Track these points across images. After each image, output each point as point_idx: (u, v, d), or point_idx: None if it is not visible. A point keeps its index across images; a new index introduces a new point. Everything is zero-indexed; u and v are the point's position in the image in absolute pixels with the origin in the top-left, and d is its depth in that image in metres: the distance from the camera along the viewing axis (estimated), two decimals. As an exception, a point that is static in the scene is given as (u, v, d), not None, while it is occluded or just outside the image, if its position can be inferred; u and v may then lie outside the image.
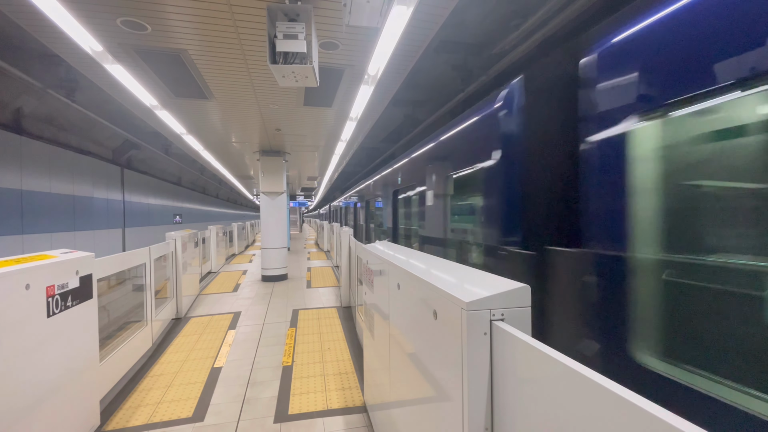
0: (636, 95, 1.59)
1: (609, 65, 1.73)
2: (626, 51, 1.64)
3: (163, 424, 3.00)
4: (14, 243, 8.68)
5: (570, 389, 0.86)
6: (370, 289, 2.92)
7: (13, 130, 8.76)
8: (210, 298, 7.33)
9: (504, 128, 2.55)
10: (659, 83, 1.48)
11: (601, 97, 1.77)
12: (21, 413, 2.14)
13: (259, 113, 6.14)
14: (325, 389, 3.56)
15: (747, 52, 1.19)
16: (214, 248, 10.72)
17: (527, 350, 1.02)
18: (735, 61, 1.23)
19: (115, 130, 10.68)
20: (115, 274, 3.75)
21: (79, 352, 2.75)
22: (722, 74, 1.26)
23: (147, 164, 16.94)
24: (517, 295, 1.24)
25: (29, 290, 2.24)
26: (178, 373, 3.92)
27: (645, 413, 0.68)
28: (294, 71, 3.06)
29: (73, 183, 11.31)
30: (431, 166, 4.17)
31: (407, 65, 4.31)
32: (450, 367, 1.32)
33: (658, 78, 1.49)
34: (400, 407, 2.03)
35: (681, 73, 1.40)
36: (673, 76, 1.43)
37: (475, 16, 4.98)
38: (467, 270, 1.69)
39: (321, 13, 3.22)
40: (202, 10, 3.16)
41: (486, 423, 1.20)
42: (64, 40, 3.68)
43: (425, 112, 8.83)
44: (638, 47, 1.58)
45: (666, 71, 1.45)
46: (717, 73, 1.28)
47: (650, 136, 1.55)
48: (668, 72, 1.45)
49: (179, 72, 4.42)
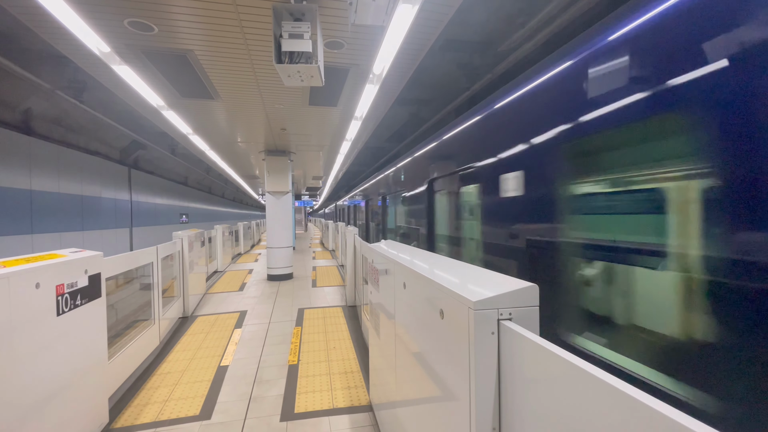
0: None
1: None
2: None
3: (171, 421, 3.02)
4: (24, 242, 8.79)
5: (579, 389, 0.85)
6: (376, 288, 2.92)
7: (23, 131, 8.88)
8: (216, 297, 7.38)
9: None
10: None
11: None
12: (31, 410, 2.17)
13: (264, 113, 6.16)
14: (330, 388, 3.57)
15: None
16: (220, 247, 10.78)
17: (536, 350, 1.01)
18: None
19: (122, 130, 10.78)
20: (123, 273, 3.78)
21: (87, 350, 2.78)
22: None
23: (154, 164, 17.09)
24: (525, 294, 1.23)
25: (39, 289, 2.26)
26: (185, 372, 3.95)
27: (656, 413, 0.67)
28: (299, 71, 3.06)
29: (82, 183, 11.43)
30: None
31: (412, 64, 4.30)
32: (457, 367, 1.31)
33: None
34: (406, 406, 2.03)
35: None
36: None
37: (480, 13, 4.95)
38: (473, 269, 1.69)
39: (326, 13, 3.23)
40: (208, 10, 3.17)
41: (494, 423, 1.19)
42: (72, 42, 3.72)
43: (430, 110, 8.81)
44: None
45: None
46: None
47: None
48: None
49: (185, 72, 4.45)
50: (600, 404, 0.79)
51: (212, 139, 8.31)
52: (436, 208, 4.40)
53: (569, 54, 2.03)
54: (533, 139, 2.27)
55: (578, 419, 0.86)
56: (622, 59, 1.65)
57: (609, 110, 1.70)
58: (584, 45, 1.91)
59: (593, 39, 1.86)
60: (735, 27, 1.25)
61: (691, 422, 0.62)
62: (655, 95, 1.50)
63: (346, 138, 8.14)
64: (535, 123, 2.26)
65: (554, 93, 2.10)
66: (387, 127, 10.49)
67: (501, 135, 2.70)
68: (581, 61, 1.90)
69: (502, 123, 2.70)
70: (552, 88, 2.12)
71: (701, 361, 1.34)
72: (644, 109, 1.54)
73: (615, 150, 1.81)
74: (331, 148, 9.42)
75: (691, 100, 1.37)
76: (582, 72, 1.88)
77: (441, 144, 4.04)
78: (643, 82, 1.55)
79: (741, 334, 1.21)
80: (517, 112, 2.49)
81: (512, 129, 2.55)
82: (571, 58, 2.00)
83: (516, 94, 2.54)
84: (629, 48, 1.63)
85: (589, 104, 1.82)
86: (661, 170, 1.60)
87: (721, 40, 1.28)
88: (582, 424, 0.84)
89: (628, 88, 1.62)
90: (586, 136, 1.83)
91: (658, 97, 1.49)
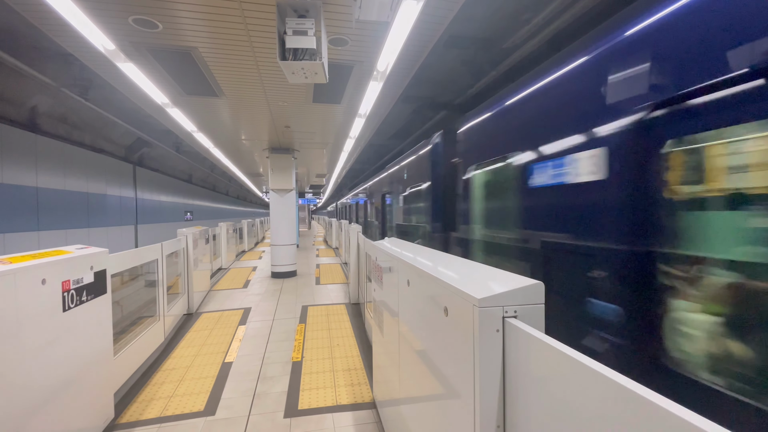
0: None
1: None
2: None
3: (176, 417, 3.04)
4: (30, 239, 8.88)
5: (586, 387, 0.84)
6: (379, 285, 2.92)
7: (29, 128, 8.95)
8: (221, 294, 7.42)
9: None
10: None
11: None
12: (38, 405, 2.19)
13: (268, 110, 6.16)
14: (334, 385, 3.58)
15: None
16: (224, 245, 10.83)
17: (541, 347, 1.00)
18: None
19: (127, 128, 10.83)
20: (128, 270, 3.81)
21: (93, 345, 2.80)
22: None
23: (158, 162, 17.17)
24: (530, 291, 1.22)
25: (45, 285, 2.28)
26: (189, 368, 3.97)
27: (664, 411, 0.66)
28: (303, 68, 3.05)
29: (87, 180, 11.51)
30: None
31: (416, 61, 4.28)
32: (461, 364, 1.31)
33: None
34: (410, 404, 2.03)
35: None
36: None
37: (485, 10, 4.91)
38: (478, 266, 1.68)
39: (330, 9, 3.21)
40: (212, 7, 3.17)
41: (498, 420, 1.18)
42: (78, 39, 3.73)
43: (434, 108, 8.78)
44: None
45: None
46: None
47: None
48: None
49: (190, 70, 4.45)
50: (607, 402, 0.78)
51: (216, 137, 8.33)
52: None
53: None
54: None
55: (584, 417, 0.85)
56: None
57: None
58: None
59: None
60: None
61: (701, 421, 0.62)
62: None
63: (350, 135, 8.13)
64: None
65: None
66: (391, 125, 10.47)
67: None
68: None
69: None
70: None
71: None
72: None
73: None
74: (334, 145, 9.42)
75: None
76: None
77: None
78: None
79: None
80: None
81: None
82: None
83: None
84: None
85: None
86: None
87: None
88: (588, 421, 0.84)
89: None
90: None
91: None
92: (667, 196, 1.55)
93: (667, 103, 1.55)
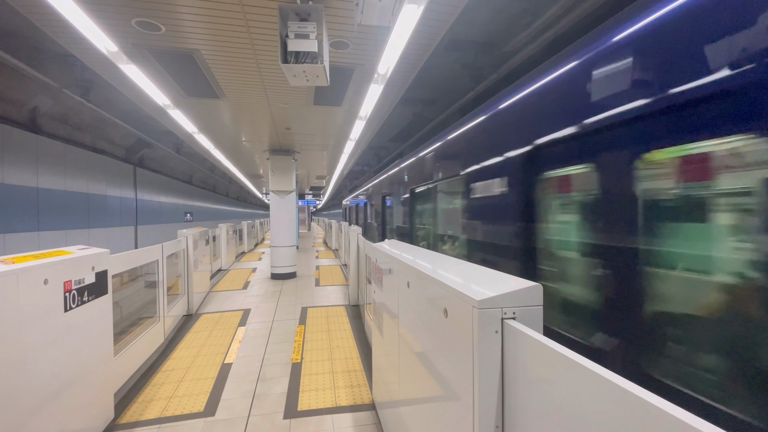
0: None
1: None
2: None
3: (175, 418, 3.05)
4: (30, 240, 8.88)
5: (584, 388, 0.85)
6: (379, 287, 2.93)
7: (30, 129, 8.96)
8: (220, 295, 7.42)
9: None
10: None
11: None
12: (38, 405, 2.20)
13: (269, 112, 6.19)
14: (333, 386, 3.59)
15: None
16: (224, 246, 10.84)
17: (540, 349, 1.02)
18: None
19: (128, 129, 10.85)
20: (129, 271, 3.82)
21: (94, 346, 2.81)
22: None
23: (159, 163, 17.19)
24: (529, 293, 1.23)
25: (47, 285, 2.29)
26: (189, 369, 3.98)
27: (660, 411, 0.67)
28: (305, 70, 3.07)
29: (88, 181, 11.52)
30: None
31: (417, 64, 4.31)
32: (460, 366, 1.32)
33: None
34: (409, 405, 2.04)
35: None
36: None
37: (485, 13, 4.95)
38: (477, 268, 1.69)
39: (332, 13, 3.24)
40: (214, 10, 3.19)
41: (497, 421, 1.20)
42: (80, 41, 3.75)
43: (434, 110, 8.81)
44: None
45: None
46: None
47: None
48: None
49: (192, 72, 4.48)
50: (605, 403, 0.79)
51: (217, 138, 8.35)
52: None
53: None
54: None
55: (582, 418, 0.86)
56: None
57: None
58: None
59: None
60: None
61: (698, 422, 0.63)
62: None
63: (350, 138, 8.16)
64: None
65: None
66: (391, 127, 10.50)
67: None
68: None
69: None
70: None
71: None
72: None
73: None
74: (335, 147, 9.44)
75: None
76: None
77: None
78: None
79: None
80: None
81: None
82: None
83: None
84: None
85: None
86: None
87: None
88: (586, 423, 0.85)
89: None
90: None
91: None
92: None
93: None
